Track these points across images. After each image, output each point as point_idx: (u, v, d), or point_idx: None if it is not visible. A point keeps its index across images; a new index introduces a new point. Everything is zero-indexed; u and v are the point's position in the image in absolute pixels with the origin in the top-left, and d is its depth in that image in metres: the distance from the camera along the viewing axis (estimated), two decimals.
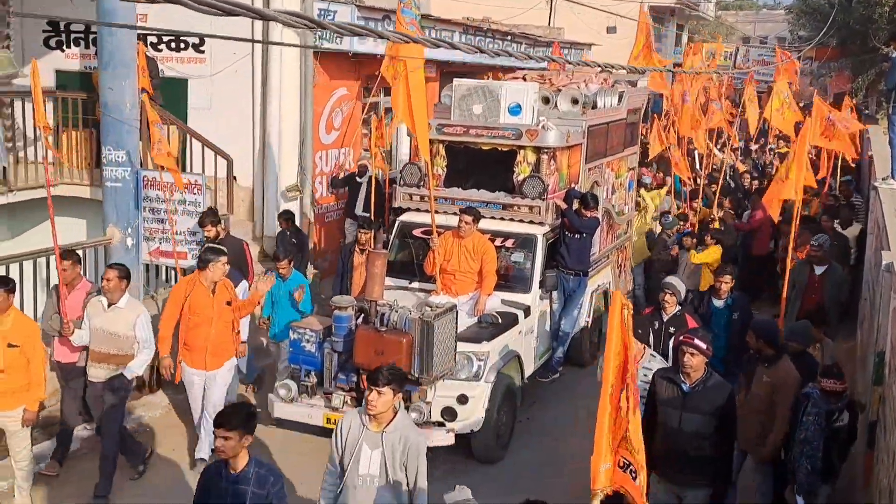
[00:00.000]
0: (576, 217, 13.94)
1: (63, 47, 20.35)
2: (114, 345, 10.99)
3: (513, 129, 13.77)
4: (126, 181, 14.40)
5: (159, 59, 19.48)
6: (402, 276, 13.82)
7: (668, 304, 11.82)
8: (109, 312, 11.04)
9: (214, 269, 11.52)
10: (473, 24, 24.08)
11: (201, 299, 11.53)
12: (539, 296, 13.77)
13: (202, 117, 19.34)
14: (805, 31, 39.07)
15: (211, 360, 11.66)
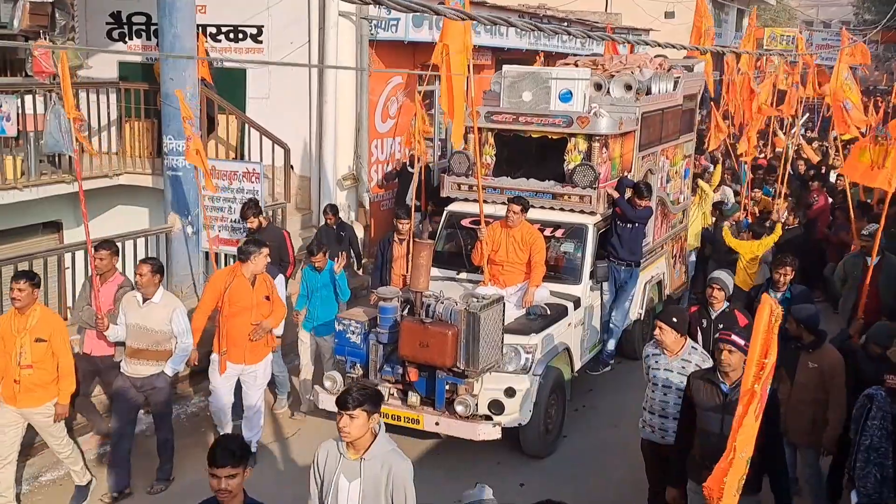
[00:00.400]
0: (628, 206, 13.21)
1: (125, 39, 20.19)
2: (151, 340, 10.60)
3: (563, 117, 13.07)
4: (186, 170, 14.31)
5: (218, 49, 19.39)
6: (450, 267, 13.24)
7: (715, 301, 11.04)
8: (144, 308, 10.63)
9: (256, 261, 11.09)
10: (529, 11, 23.29)
11: (241, 291, 11.08)
12: (590, 287, 13.09)
13: (260, 107, 19.17)
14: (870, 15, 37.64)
15: (249, 354, 11.25)
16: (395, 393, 11.42)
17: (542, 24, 23.14)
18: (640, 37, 26.13)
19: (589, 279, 13.03)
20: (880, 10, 33.36)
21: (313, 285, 12.87)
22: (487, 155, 13.50)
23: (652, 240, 14.81)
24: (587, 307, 13.01)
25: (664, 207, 15.42)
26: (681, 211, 16.61)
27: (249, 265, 11.03)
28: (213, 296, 11.13)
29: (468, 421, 10.96)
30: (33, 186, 16.12)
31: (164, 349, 10.59)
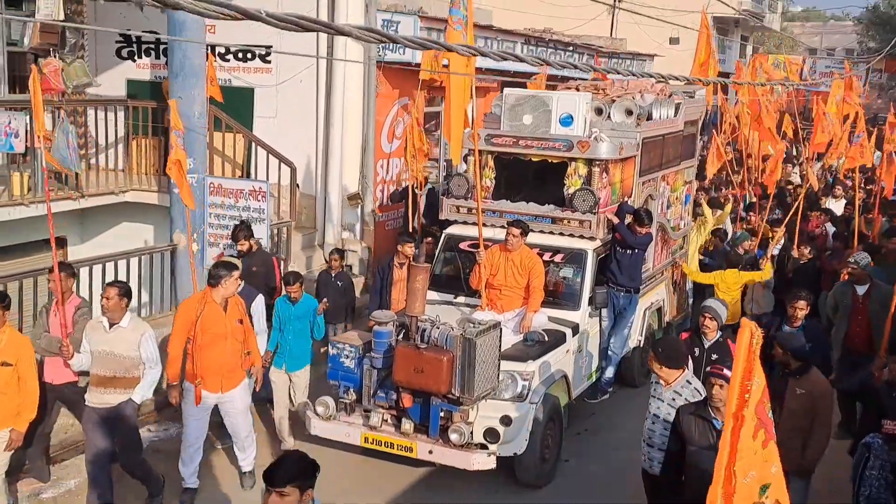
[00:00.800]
0: (628, 232, 12.69)
1: (134, 57, 20.07)
2: (119, 367, 9.79)
3: (563, 141, 12.57)
4: (193, 188, 13.58)
5: (227, 69, 19.21)
6: (448, 291, 12.69)
7: (707, 330, 10.33)
8: (112, 333, 9.84)
9: (227, 285, 10.30)
10: (535, 35, 22.79)
11: (213, 318, 10.26)
12: (588, 313, 12.55)
13: (267, 126, 18.95)
14: (874, 43, 36.85)
15: (226, 381, 10.45)
16: (388, 419, 10.94)
17: (549, 50, 22.85)
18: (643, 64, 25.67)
19: (588, 305, 12.51)
20: (884, 39, 32.56)
21: (286, 317, 11.94)
22: (487, 178, 13.00)
23: (652, 266, 14.29)
24: (586, 333, 12.47)
25: (664, 233, 14.90)
26: (681, 237, 16.10)
27: (220, 290, 10.26)
28: (184, 325, 10.27)
29: (462, 450, 10.46)
30: (39, 203, 15.61)
31: (133, 376, 9.86)
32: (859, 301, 12.51)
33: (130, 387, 9.83)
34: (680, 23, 25.26)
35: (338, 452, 11.52)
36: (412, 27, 19.84)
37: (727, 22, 32.29)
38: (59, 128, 15.88)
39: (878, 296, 12.40)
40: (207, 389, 10.30)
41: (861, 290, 12.56)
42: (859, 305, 12.49)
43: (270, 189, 14.76)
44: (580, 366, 12.37)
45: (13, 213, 15.46)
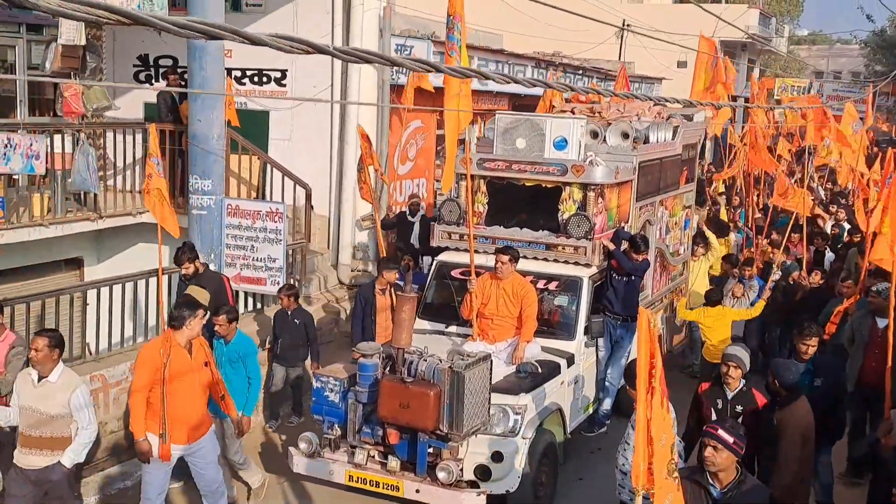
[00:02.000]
0: (625, 258, 11.20)
1: (152, 81, 18.90)
2: (47, 427, 8.13)
3: (558, 165, 11.13)
4: (211, 209, 13.27)
5: (243, 92, 18.03)
6: (439, 320, 11.22)
7: (731, 379, 8.77)
8: (39, 388, 8.15)
9: (192, 325, 8.73)
10: (544, 59, 21.29)
11: (180, 363, 8.68)
12: (584, 343, 11.07)
13: (282, 148, 17.81)
14: (881, 66, 34.77)
15: (193, 431, 8.87)
16: (375, 456, 9.63)
17: (554, 68, 21.34)
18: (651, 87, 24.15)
19: (583, 335, 11.02)
20: (891, 62, 30.52)
21: (217, 358, 9.91)
22: (480, 203, 11.54)
23: (650, 293, 12.75)
24: (582, 364, 10.92)
25: (663, 259, 13.38)
26: (681, 263, 14.50)
27: (185, 332, 8.67)
28: (150, 373, 8.57)
29: (451, 488, 9.16)
30: (58, 224, 14.89)
31: (62, 436, 8.17)
32: (878, 334, 10.88)
33: (60, 448, 8.17)
34: (689, 45, 23.64)
35: (322, 487, 10.33)
36: (426, 51, 18.95)
37: (734, 45, 30.54)
38: (79, 150, 15.02)
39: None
40: (176, 442, 8.77)
41: (882, 324, 10.87)
42: (878, 339, 10.86)
43: (286, 210, 13.92)
44: (576, 398, 10.93)
45: (33, 234, 14.61)
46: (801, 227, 14.93)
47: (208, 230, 13.31)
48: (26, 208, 14.57)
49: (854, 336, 11.14)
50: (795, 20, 60.21)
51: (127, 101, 18.25)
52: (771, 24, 37.22)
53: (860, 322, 11.12)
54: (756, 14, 34.66)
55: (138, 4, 16.36)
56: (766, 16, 36.49)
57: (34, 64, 17.15)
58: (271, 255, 13.23)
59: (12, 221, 14.09)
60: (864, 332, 10.98)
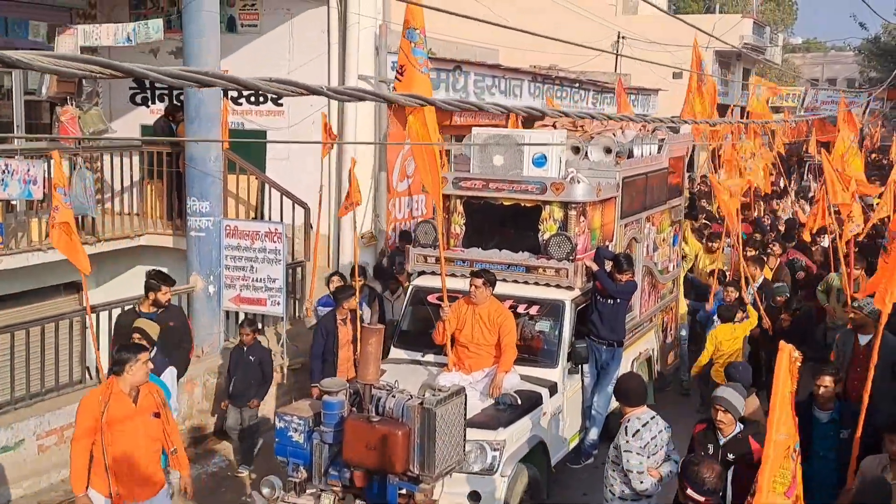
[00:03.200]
0: (609, 280, 9.69)
1: (148, 103, 17.59)
2: None
3: (536, 183, 9.68)
4: (210, 230, 12.48)
5: (240, 112, 16.82)
6: (415, 349, 9.74)
7: (722, 425, 7.29)
8: None
9: (134, 371, 7.28)
10: (541, 73, 19.76)
11: (121, 410, 7.26)
12: (568, 370, 9.57)
13: (280, 167, 16.39)
14: (876, 73, 32.72)
15: (140, 489, 7.40)
16: (343, 499, 8.06)
17: (556, 86, 19.80)
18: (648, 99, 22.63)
19: (567, 362, 9.53)
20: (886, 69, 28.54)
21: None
22: (457, 224, 10.07)
23: (639, 313, 11.20)
24: (566, 393, 9.45)
25: (652, 278, 11.79)
26: (671, 280, 12.78)
27: (126, 378, 7.27)
28: (89, 423, 7.22)
29: None
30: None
31: None
32: (860, 352, 9.48)
33: None
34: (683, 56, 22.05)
35: None
36: None
37: (729, 56, 28.84)
38: (76, 174, 13.88)
39: (884, 350, 9.12)
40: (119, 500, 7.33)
41: (864, 341, 9.49)
42: (860, 356, 9.44)
43: (285, 230, 12.94)
44: (560, 429, 9.49)
45: (31, 259, 13.52)
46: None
47: (207, 252, 12.47)
48: (24, 233, 13.61)
49: (838, 353, 9.63)
50: (790, 28, 57.81)
51: (124, 123, 17.18)
52: (765, 34, 35.39)
53: (844, 340, 9.65)
54: (750, 23, 32.93)
55: (133, 29, 15.44)
56: (760, 25, 34.66)
57: (30, 89, 16.20)
58: (271, 275, 12.24)
59: (11, 247, 13.16)
60: (847, 350, 9.60)
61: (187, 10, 12.01)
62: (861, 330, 9.53)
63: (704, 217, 16.40)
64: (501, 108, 4.30)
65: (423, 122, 8.90)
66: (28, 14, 15.96)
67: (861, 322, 9.50)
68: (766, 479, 5.26)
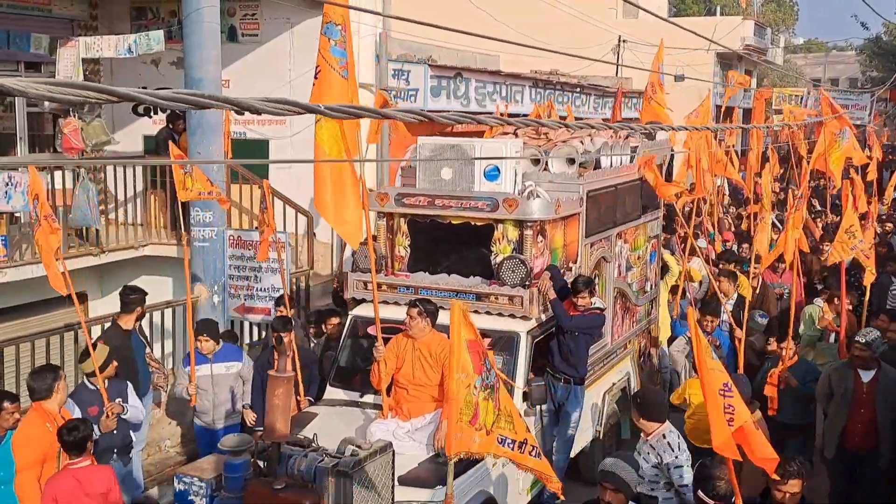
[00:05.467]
0: (563, 313, 7.13)
1: (150, 113, 15.23)
2: None
3: (487, 199, 7.28)
4: (213, 240, 11.14)
5: (242, 121, 14.51)
6: (353, 388, 7.36)
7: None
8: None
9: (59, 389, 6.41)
10: (542, 78, 17.20)
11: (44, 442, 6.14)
12: (523, 411, 6.98)
13: (283, 176, 14.06)
14: (878, 72, 29.28)
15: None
16: None
17: (557, 91, 17.26)
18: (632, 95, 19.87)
19: (522, 402, 7.00)
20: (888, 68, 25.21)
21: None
22: (401, 246, 7.65)
23: (610, 340, 8.61)
24: None
25: (625, 300, 9.13)
26: (648, 302, 9.94)
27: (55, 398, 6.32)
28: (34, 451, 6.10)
29: None
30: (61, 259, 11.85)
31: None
32: (863, 390, 7.11)
33: None
34: (686, 59, 19.32)
35: None
36: (422, 75, 15.37)
37: (730, 57, 25.85)
38: (80, 186, 12.12)
39: (888, 386, 7.10)
40: None
41: (866, 377, 7.16)
42: (863, 395, 7.12)
43: (289, 239, 11.60)
44: (514, 480, 7.00)
45: (36, 271, 11.52)
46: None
47: (211, 262, 11.10)
48: (29, 245, 11.89)
49: (833, 393, 7.08)
50: (791, 29, 53.32)
51: (126, 134, 14.97)
52: (766, 35, 31.95)
53: (842, 376, 7.10)
54: (751, 25, 29.61)
55: (134, 40, 13.48)
56: (761, 26, 31.22)
57: (33, 101, 14.15)
58: (275, 284, 10.78)
59: (15, 259, 11.56)
60: (847, 388, 7.15)
61: (188, 21, 10.53)
62: (863, 366, 7.02)
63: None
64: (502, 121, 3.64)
65: (337, 135, 6.52)
66: (30, 27, 13.97)
67: (866, 359, 6.99)
68: (454, 413, 5.35)
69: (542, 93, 17.30)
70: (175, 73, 14.17)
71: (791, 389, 7.58)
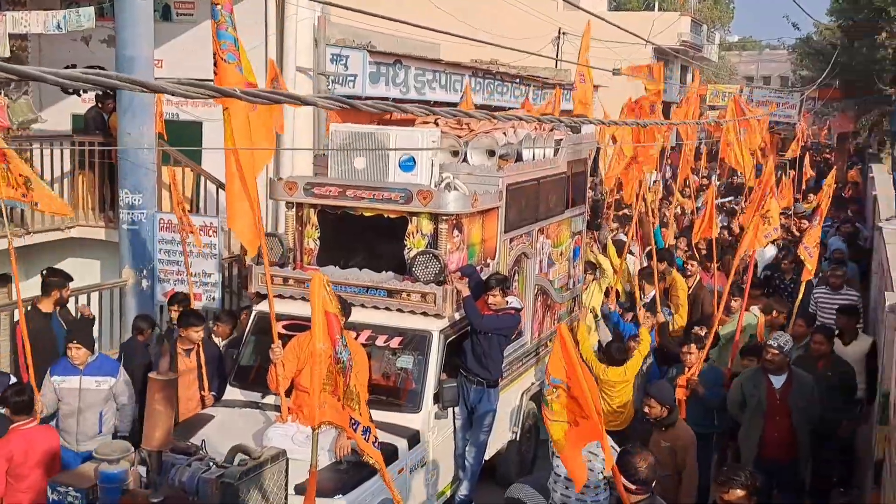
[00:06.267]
0: (475, 312, 6.39)
1: (79, 93, 13.85)
2: None
3: (401, 191, 6.45)
4: (143, 224, 10.40)
5: (175, 102, 13.44)
6: (255, 388, 6.53)
7: None
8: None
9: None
10: (482, 67, 16.42)
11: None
12: (434, 414, 6.29)
13: (217, 159, 13.04)
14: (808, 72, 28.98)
15: None
16: None
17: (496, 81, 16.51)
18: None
19: (434, 404, 6.27)
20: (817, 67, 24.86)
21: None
22: (310, 238, 6.85)
23: (529, 339, 7.89)
24: (431, 442, 6.29)
25: (546, 297, 8.37)
26: (571, 299, 9.08)
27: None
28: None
29: None
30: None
31: None
32: (776, 397, 6.50)
33: None
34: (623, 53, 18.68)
35: None
36: (361, 62, 14.46)
37: (667, 53, 25.30)
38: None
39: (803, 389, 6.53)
40: None
41: (778, 383, 6.54)
42: (777, 403, 6.50)
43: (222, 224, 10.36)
44: (423, 486, 6.29)
45: None
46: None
47: (140, 245, 10.38)
48: None
49: (745, 401, 6.47)
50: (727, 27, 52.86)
51: (54, 112, 13.93)
52: (702, 32, 31.40)
53: (754, 384, 6.47)
54: (688, 21, 29.10)
55: (64, 16, 12.53)
56: (697, 23, 30.68)
57: None
58: (206, 269, 10.07)
59: None
60: (761, 396, 6.53)
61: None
62: (774, 371, 6.42)
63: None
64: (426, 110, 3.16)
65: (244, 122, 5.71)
66: None
67: (779, 364, 6.38)
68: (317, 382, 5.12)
69: (481, 82, 16.52)
70: (106, 52, 13.25)
71: (695, 395, 6.92)
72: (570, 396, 4.51)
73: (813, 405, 6.48)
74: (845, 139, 23.43)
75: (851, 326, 7.79)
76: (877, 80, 19.08)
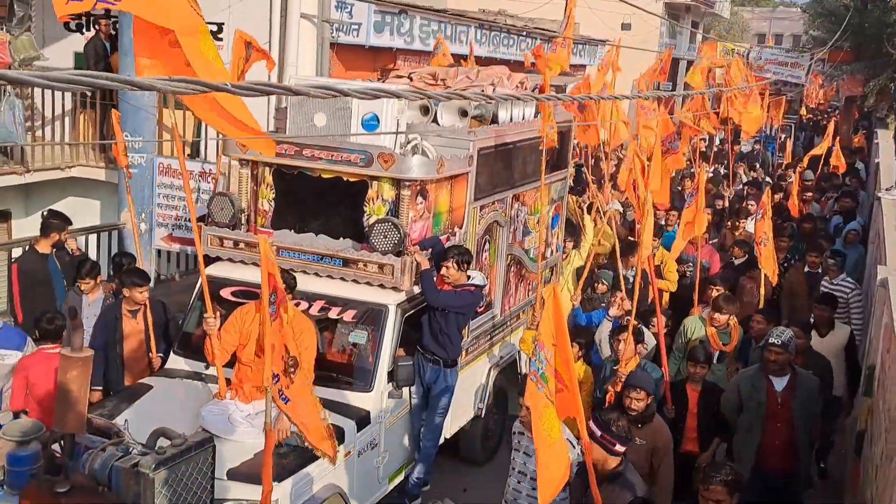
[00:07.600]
0: (432, 286, 5.38)
1: (83, 29, 13.00)
2: None
3: (360, 153, 5.40)
4: (142, 167, 9.77)
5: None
6: (199, 358, 5.59)
7: None
8: None
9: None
10: (488, 20, 15.12)
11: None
12: (388, 394, 5.35)
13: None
14: (819, 33, 27.00)
15: None
16: None
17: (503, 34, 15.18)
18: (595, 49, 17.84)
19: (388, 383, 5.31)
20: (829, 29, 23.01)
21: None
22: (265, 199, 5.83)
23: (500, 311, 6.84)
24: (385, 423, 5.36)
25: (520, 267, 7.26)
26: (548, 269, 7.90)
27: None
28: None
29: None
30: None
31: None
32: (777, 401, 5.37)
33: None
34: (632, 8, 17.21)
35: None
36: (366, 10, 13.05)
37: (678, 7, 23.46)
38: (5, 102, 10.46)
39: (807, 392, 5.39)
40: None
41: (779, 385, 5.39)
42: (778, 407, 5.36)
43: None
44: (373, 469, 5.36)
45: None
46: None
47: (139, 189, 9.61)
48: None
49: (743, 404, 5.40)
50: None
51: (56, 50, 12.74)
52: None
53: (753, 386, 5.41)
54: None
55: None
56: None
57: None
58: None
59: None
60: (760, 399, 5.41)
61: None
62: (777, 372, 5.34)
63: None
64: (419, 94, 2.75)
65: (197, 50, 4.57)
66: None
67: (782, 364, 5.30)
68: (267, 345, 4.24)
69: (487, 34, 15.20)
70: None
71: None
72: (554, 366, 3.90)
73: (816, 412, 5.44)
74: (853, 102, 21.83)
75: (827, 317, 6.71)
76: (886, 44, 17.52)
